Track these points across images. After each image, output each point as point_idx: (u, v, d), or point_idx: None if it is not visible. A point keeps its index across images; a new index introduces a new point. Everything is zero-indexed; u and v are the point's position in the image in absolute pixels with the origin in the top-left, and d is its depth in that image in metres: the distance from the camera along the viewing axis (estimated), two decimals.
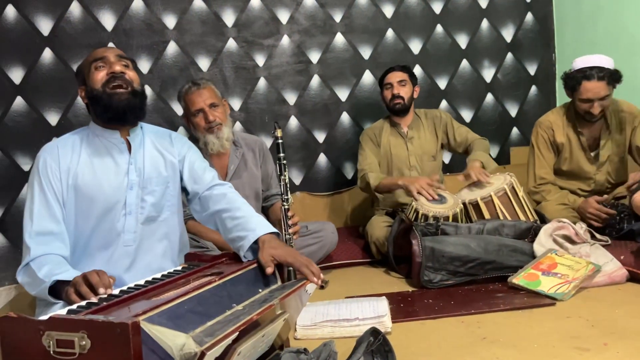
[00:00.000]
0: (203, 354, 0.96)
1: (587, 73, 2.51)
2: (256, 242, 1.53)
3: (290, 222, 2.30)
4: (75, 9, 3.01)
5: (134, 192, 1.68)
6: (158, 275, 1.45)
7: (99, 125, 1.71)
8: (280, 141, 2.39)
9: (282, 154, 2.37)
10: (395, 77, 2.99)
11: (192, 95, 2.50)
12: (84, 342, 0.94)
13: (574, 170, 2.76)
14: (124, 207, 1.68)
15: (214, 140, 2.48)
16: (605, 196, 2.61)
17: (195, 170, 1.80)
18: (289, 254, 1.51)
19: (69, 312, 1.14)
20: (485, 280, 2.26)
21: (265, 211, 2.74)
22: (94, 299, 1.25)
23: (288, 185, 2.36)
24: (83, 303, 1.21)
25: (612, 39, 3.27)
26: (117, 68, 1.65)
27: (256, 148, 2.70)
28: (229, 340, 1.02)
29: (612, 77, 2.51)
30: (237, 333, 1.05)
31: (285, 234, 2.27)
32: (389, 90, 3.00)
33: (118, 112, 1.65)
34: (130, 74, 1.68)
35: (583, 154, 2.73)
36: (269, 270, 1.46)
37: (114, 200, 1.66)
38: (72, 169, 1.64)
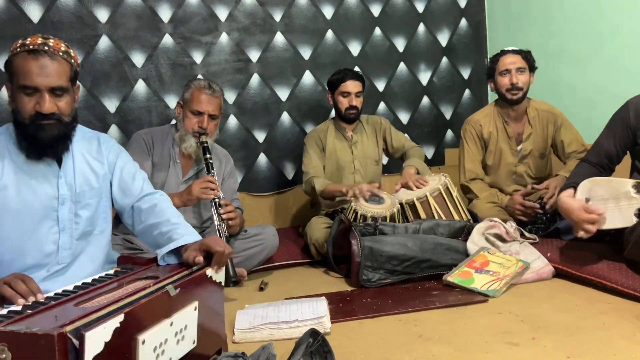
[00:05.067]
0: (82, 335, 0.93)
1: (503, 50, 2.88)
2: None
3: (222, 211, 2.33)
4: None
5: (66, 207, 1.59)
6: (89, 280, 1.38)
7: None
8: (205, 145, 2.45)
9: (208, 155, 2.44)
10: (355, 87, 2.98)
11: (203, 95, 2.49)
12: (4, 356, 0.88)
13: (498, 164, 2.92)
14: (56, 224, 1.58)
15: (193, 144, 2.48)
16: (528, 187, 2.76)
17: (124, 180, 1.73)
18: (209, 240, 1.51)
19: None
20: (421, 279, 2.31)
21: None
22: (17, 307, 1.17)
23: (218, 180, 2.42)
24: (4, 312, 1.13)
25: (541, 46, 3.45)
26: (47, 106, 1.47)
27: (223, 160, 2.69)
28: (115, 322, 1.01)
29: (527, 55, 2.82)
30: (123, 316, 1.03)
31: (217, 225, 2.30)
32: (346, 99, 2.98)
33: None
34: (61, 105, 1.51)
35: (508, 145, 2.89)
36: (199, 259, 1.44)
37: (43, 216, 1.56)
38: None
